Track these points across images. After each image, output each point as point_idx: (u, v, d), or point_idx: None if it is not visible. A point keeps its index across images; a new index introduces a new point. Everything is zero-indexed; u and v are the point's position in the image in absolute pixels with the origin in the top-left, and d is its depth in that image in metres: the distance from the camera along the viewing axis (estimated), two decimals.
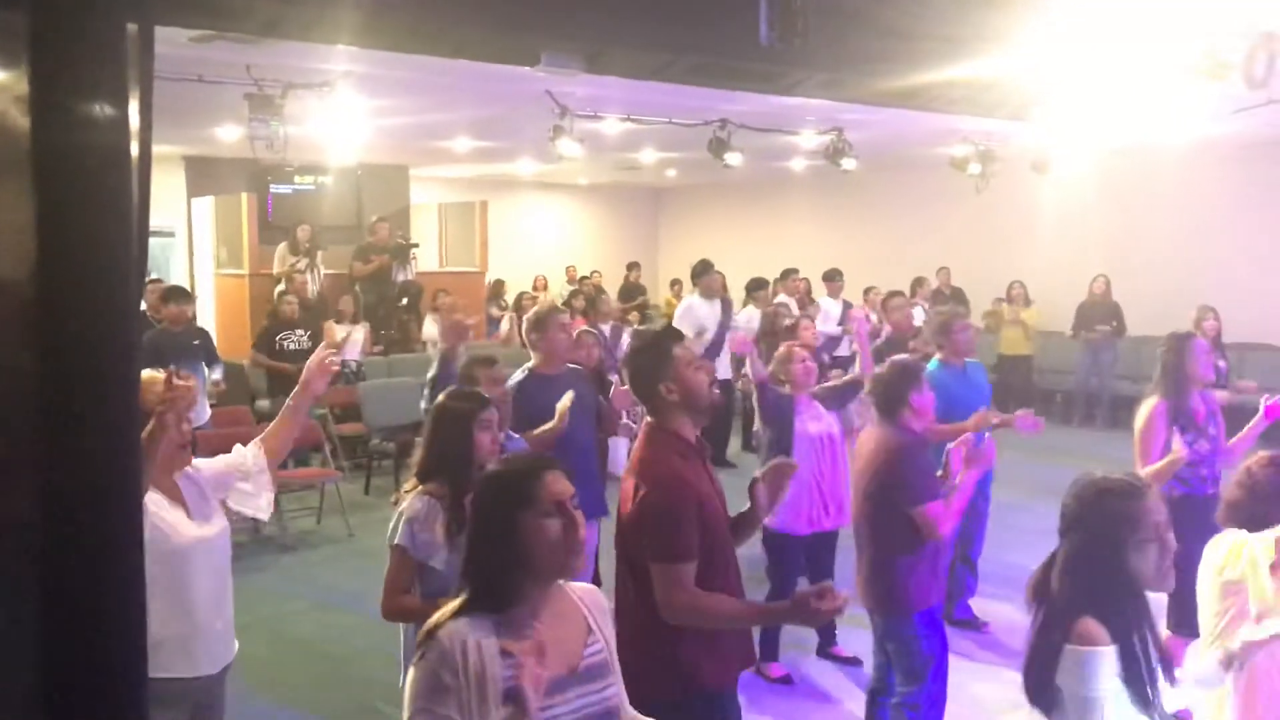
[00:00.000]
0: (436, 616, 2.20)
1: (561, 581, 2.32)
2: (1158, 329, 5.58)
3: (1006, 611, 6.19)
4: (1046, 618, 2.55)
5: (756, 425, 7.49)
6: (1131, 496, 2.52)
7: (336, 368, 3.85)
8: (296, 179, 13.83)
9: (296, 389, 3.70)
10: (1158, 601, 2.64)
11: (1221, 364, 8.53)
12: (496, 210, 16.26)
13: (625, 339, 10.30)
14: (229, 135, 10.90)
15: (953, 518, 4.17)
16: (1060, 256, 13.72)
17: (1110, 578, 2.48)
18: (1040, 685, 2.53)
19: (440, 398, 3.96)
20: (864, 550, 4.30)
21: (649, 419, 3.21)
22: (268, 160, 9.41)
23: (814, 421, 5.60)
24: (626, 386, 3.42)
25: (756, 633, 3.27)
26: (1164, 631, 4.71)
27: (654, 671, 2.98)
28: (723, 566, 3.08)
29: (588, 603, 2.37)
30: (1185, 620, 4.58)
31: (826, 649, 5.93)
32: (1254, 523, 3.31)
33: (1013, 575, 6.58)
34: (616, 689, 2.34)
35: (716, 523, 3.06)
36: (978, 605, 6.39)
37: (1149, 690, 2.44)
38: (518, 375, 5.28)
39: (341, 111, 8.64)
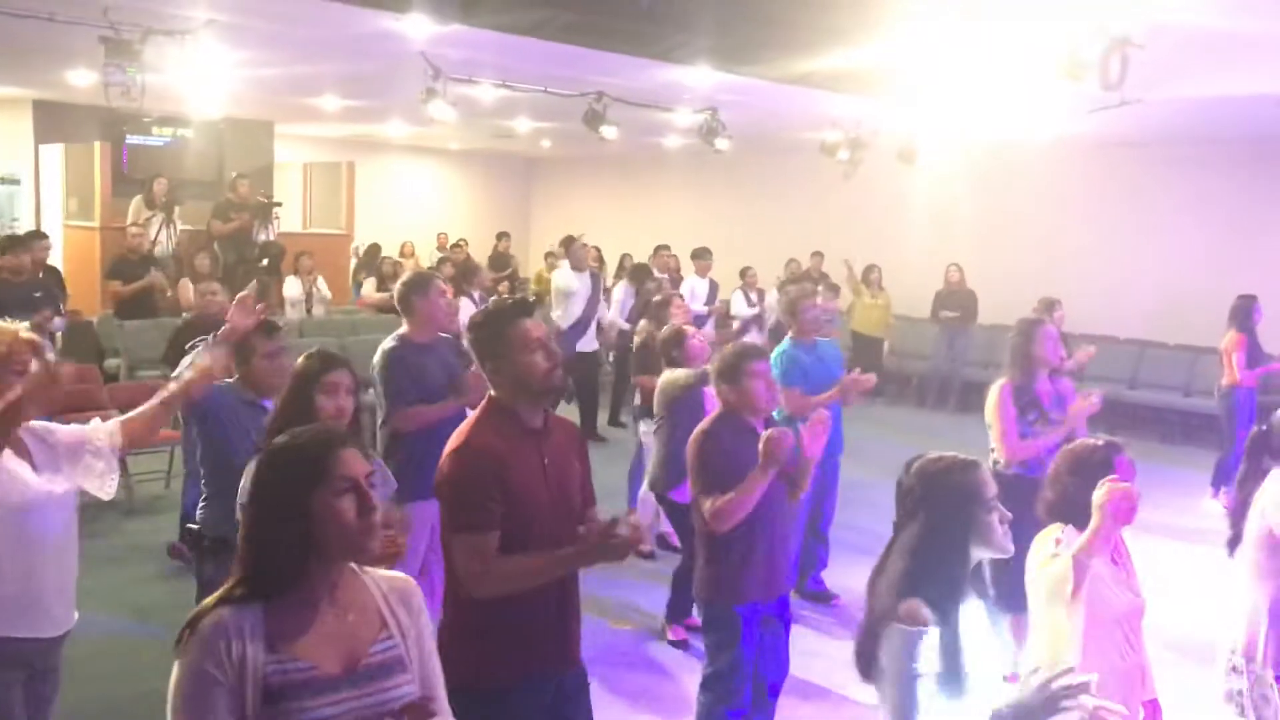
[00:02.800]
0: (201, 605, 2.01)
1: (358, 568, 2.15)
2: (1013, 318, 5.77)
3: (857, 584, 6.33)
4: (881, 596, 2.60)
5: (638, 399, 7.54)
6: (970, 469, 2.61)
7: (219, 377, 3.72)
8: (154, 130, 13.30)
9: (175, 388, 3.56)
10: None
11: (1064, 354, 8.90)
12: (365, 172, 15.90)
13: None
14: (82, 80, 10.39)
15: (733, 513, 3.91)
16: (923, 244, 14.11)
17: (952, 556, 2.56)
18: (868, 661, 2.59)
19: (300, 358, 3.83)
20: (696, 530, 4.24)
21: (490, 393, 3.10)
22: (124, 109, 8.97)
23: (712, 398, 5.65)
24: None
25: (647, 597, 3.20)
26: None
27: (455, 658, 2.82)
28: (528, 545, 2.92)
29: (388, 594, 2.18)
30: (1012, 597, 4.77)
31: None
32: (1057, 513, 3.37)
33: (864, 550, 6.79)
34: (410, 688, 2.12)
35: (533, 502, 2.93)
36: (829, 577, 6.56)
37: (963, 673, 2.48)
38: (388, 343, 5.06)
39: (203, 61, 8.30)
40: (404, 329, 5.12)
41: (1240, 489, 4.10)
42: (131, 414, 3.52)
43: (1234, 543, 4.06)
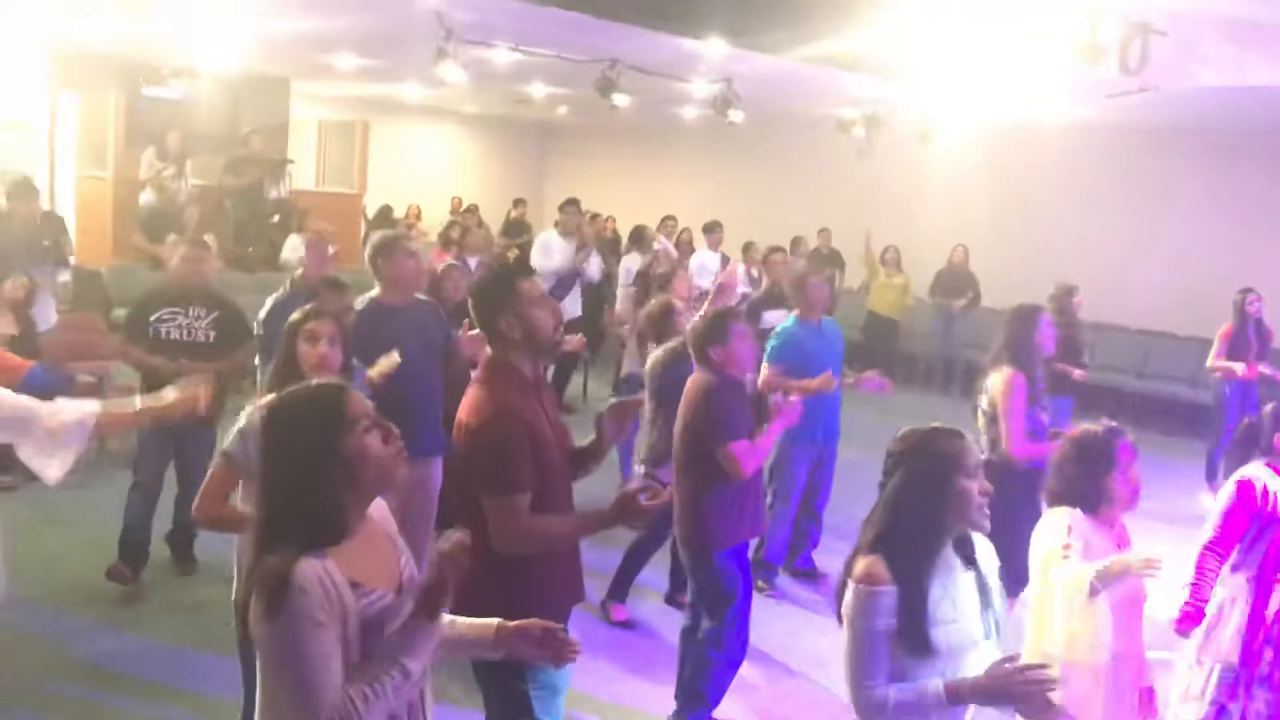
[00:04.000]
0: (277, 563, 2.02)
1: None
2: (1018, 302, 5.72)
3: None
4: (851, 554, 2.64)
5: (624, 370, 7.51)
6: (956, 436, 2.66)
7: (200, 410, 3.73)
8: (170, 82, 13.24)
9: (156, 406, 3.58)
10: None
11: (1080, 340, 8.84)
12: (379, 133, 15.86)
13: None
14: (98, 30, 10.35)
15: (758, 457, 4.29)
16: (937, 225, 14.01)
17: (923, 515, 2.57)
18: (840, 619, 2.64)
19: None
20: (677, 487, 4.37)
21: (489, 353, 3.19)
22: (139, 60, 8.94)
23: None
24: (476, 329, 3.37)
25: (580, 572, 3.29)
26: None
27: (487, 611, 2.97)
28: (557, 502, 3.10)
29: (380, 517, 2.31)
30: (1011, 583, 4.76)
31: (677, 598, 5.99)
32: (1062, 499, 3.40)
33: (855, 531, 6.75)
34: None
35: (550, 458, 3.07)
36: (819, 557, 6.56)
37: (927, 636, 2.50)
38: (358, 303, 5.05)
39: (219, 12, 8.26)
40: (375, 291, 5.12)
41: (1226, 480, 4.09)
42: (109, 412, 3.50)
43: None
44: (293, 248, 11.79)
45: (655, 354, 5.73)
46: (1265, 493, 3.81)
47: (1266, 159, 12.13)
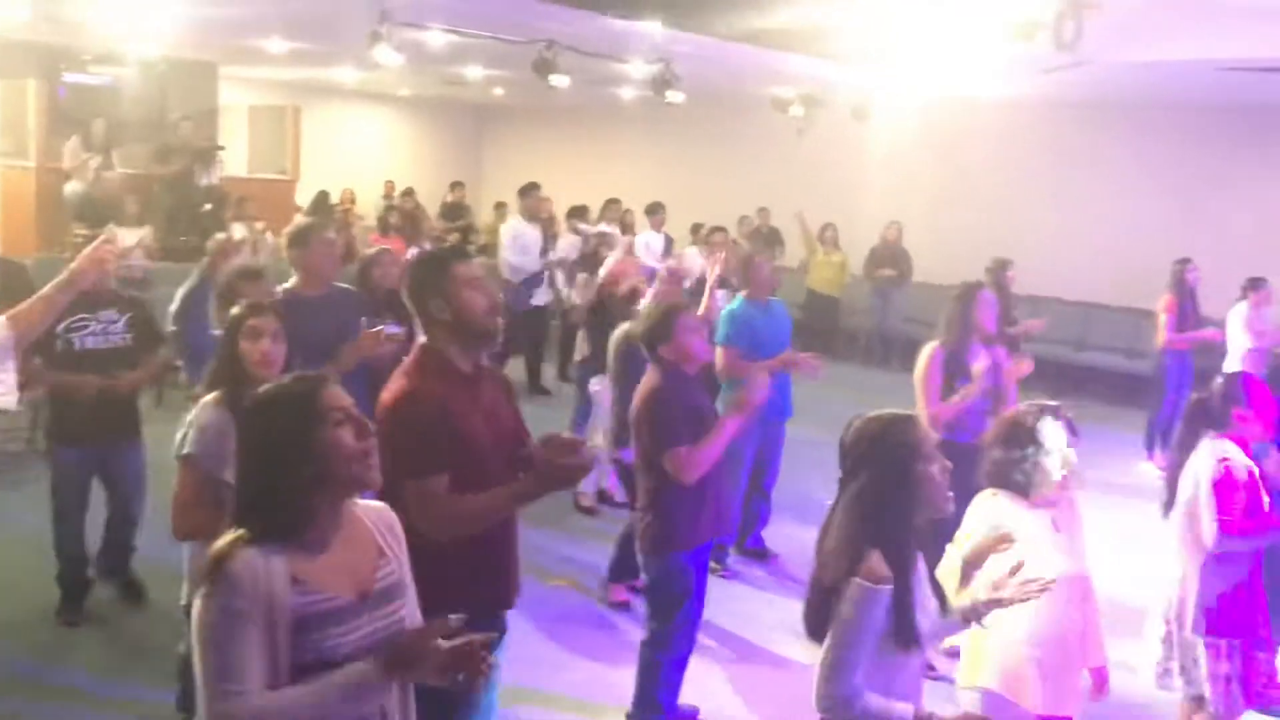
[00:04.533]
0: (222, 545, 2.07)
1: (350, 501, 2.24)
2: (962, 277, 5.77)
3: (797, 542, 6.37)
4: (830, 554, 2.60)
5: (578, 355, 7.45)
6: (910, 424, 2.66)
7: (111, 262, 3.54)
8: (92, 68, 12.89)
9: (62, 278, 3.33)
10: None
11: (1013, 313, 8.95)
12: (312, 117, 15.57)
13: None
14: (14, 13, 10.02)
15: (703, 462, 4.08)
16: (876, 203, 14.09)
17: (897, 510, 2.57)
18: (819, 620, 2.60)
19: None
20: (639, 482, 4.31)
21: (421, 342, 3.07)
22: (60, 46, 8.67)
23: None
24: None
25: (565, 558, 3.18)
26: None
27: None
28: (476, 489, 2.95)
29: (377, 523, 2.30)
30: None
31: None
32: (993, 479, 3.40)
33: (806, 507, 6.80)
34: (408, 609, 2.29)
35: (478, 453, 2.94)
36: (769, 535, 6.57)
37: (917, 629, 2.53)
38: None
39: None
40: (292, 282, 4.95)
41: (1177, 454, 4.15)
42: (17, 309, 3.31)
43: (1168, 506, 4.11)
44: (235, 234, 11.57)
45: (616, 335, 5.69)
46: (1243, 468, 3.88)
47: (1195, 132, 12.34)
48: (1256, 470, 3.96)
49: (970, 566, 3.14)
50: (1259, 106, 11.64)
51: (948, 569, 3.15)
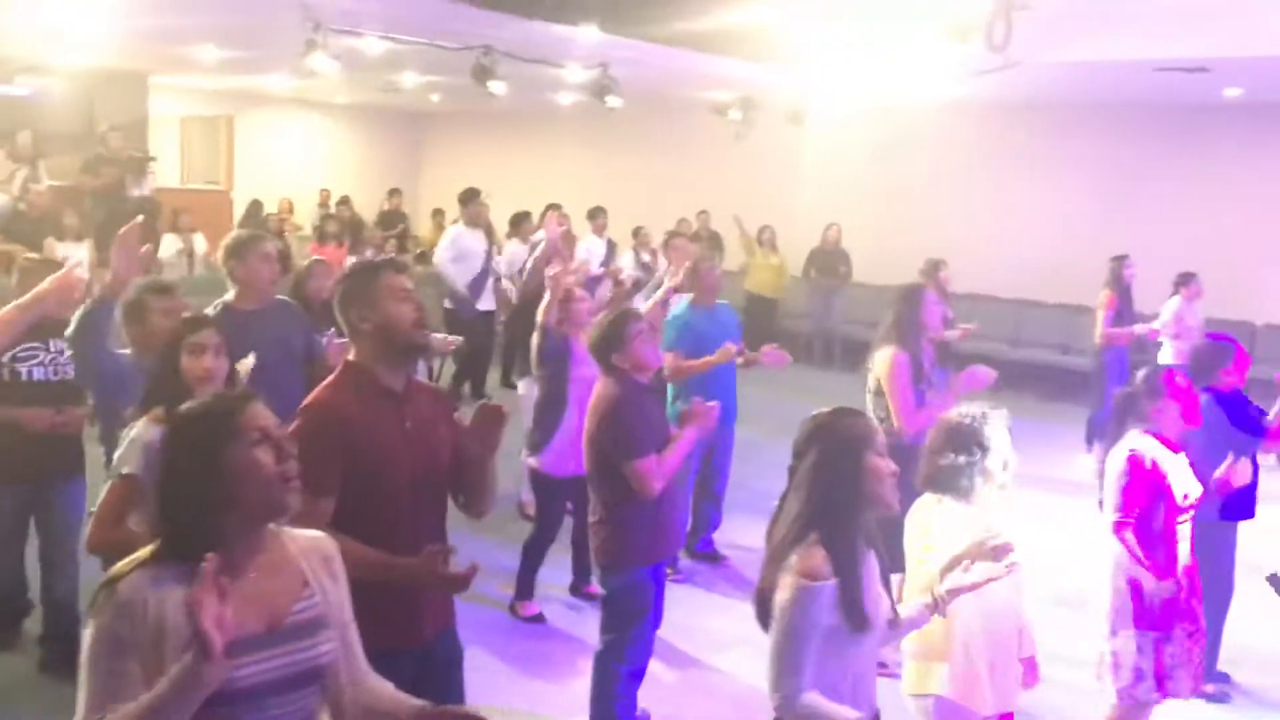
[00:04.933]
0: (119, 566, 2.00)
1: (275, 528, 2.14)
2: (899, 279, 5.83)
3: (747, 545, 6.41)
4: (778, 546, 2.62)
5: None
6: (858, 416, 2.70)
7: (79, 290, 3.44)
8: (17, 79, 12.60)
9: (24, 300, 3.25)
10: None
11: (949, 313, 9.09)
12: (246, 126, 15.38)
13: None
14: None
15: (667, 472, 4.07)
16: (813, 205, 14.21)
17: (843, 497, 2.58)
18: (766, 609, 2.62)
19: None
20: (591, 499, 4.26)
21: (347, 357, 2.99)
22: None
23: (588, 363, 5.57)
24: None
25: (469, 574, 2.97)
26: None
27: None
28: (384, 517, 2.84)
29: (309, 552, 2.19)
30: (893, 558, 4.84)
31: (581, 588, 5.98)
32: (933, 484, 3.38)
33: (755, 510, 6.83)
34: (331, 645, 2.15)
35: (389, 470, 2.83)
36: (719, 538, 6.60)
37: (866, 615, 2.54)
38: (209, 311, 4.68)
39: (70, 7, 7.88)
40: (229, 295, 4.80)
41: (1107, 447, 4.23)
42: None
43: (1102, 503, 4.19)
44: (169, 245, 11.40)
45: (537, 339, 5.68)
46: (1150, 461, 3.95)
47: (1125, 131, 12.60)
48: (1182, 461, 4.02)
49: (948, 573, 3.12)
50: (1187, 106, 11.92)
51: (919, 584, 3.13)
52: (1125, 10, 7.81)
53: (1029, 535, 3.59)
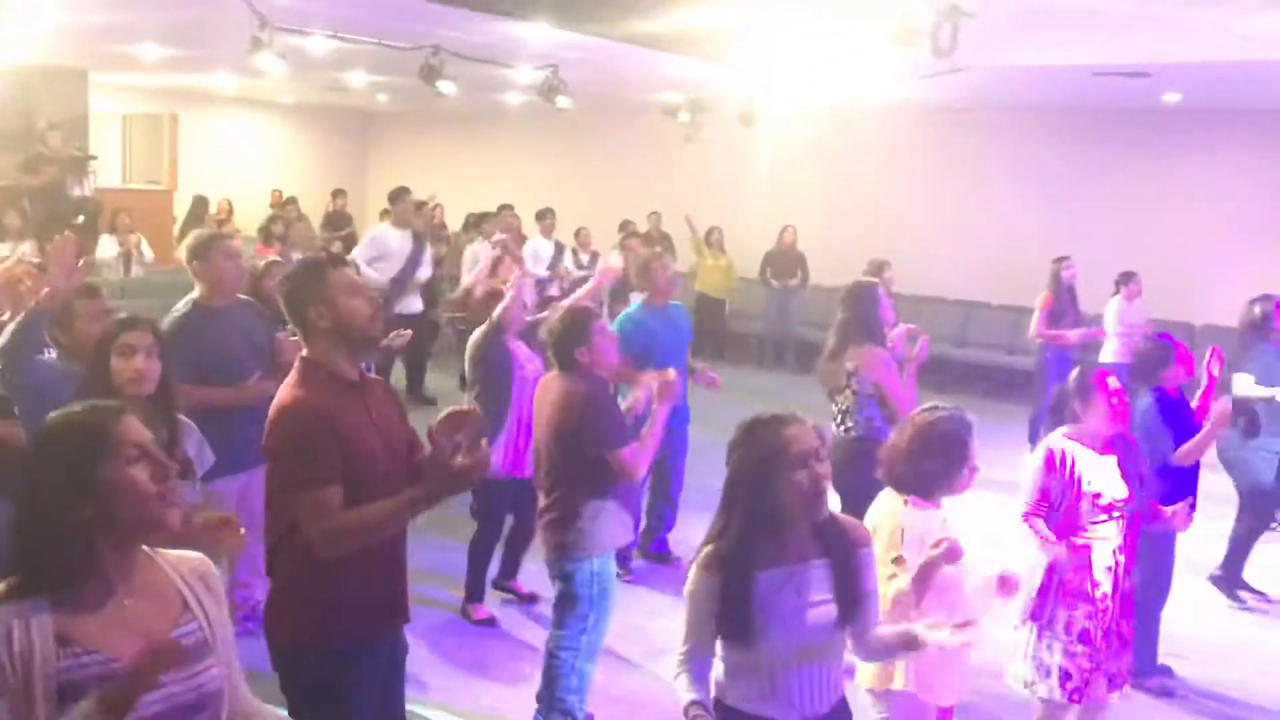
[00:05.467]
0: None
1: (151, 551, 2.02)
2: (847, 279, 5.87)
3: (697, 545, 6.42)
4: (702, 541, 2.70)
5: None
6: (779, 424, 2.64)
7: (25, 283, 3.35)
8: None
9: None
10: None
11: (892, 313, 9.19)
12: (190, 125, 15.16)
13: None
14: None
15: (648, 455, 4.20)
16: (763, 207, 14.29)
17: (755, 505, 2.59)
18: None
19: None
20: (551, 493, 4.26)
21: (302, 354, 2.99)
22: None
23: (528, 362, 5.58)
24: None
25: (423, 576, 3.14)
26: None
27: (292, 622, 2.90)
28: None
29: (185, 575, 2.05)
30: None
31: (505, 584, 5.98)
32: (902, 484, 3.42)
33: (708, 511, 6.84)
34: (217, 671, 2.02)
35: (370, 464, 2.87)
36: (673, 539, 6.61)
37: (749, 627, 2.57)
38: (180, 308, 4.80)
39: (7, 2, 7.72)
40: (195, 293, 4.85)
41: None
42: None
43: None
44: (107, 247, 11.20)
45: (473, 336, 5.66)
46: (1065, 459, 3.98)
47: (1068, 134, 12.81)
48: (1110, 462, 4.01)
49: (921, 585, 3.14)
50: (1128, 110, 12.15)
51: (893, 597, 3.15)
52: (1067, 15, 7.93)
53: (973, 535, 3.60)
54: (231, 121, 17.92)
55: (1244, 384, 5.88)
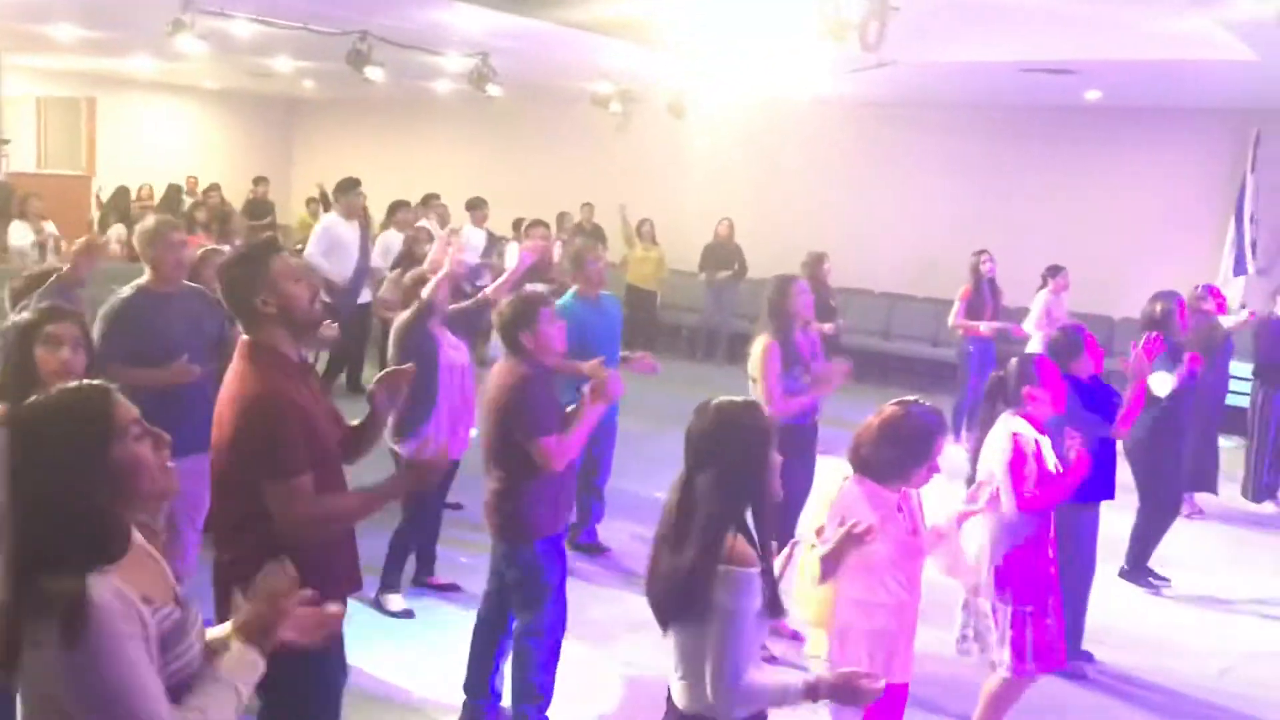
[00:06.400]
0: (62, 586, 1.83)
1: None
2: (777, 271, 5.92)
3: (630, 536, 6.43)
4: (690, 541, 2.58)
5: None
6: (758, 412, 2.71)
7: None
8: None
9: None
10: None
11: (832, 303, 9.28)
12: (108, 109, 14.79)
13: None
14: None
15: (570, 450, 4.17)
16: (696, 199, 14.31)
17: (754, 495, 2.61)
18: (684, 605, 2.58)
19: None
20: (490, 476, 4.28)
21: (245, 337, 3.01)
22: None
23: (453, 350, 5.56)
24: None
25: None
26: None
27: None
28: (333, 485, 3.00)
29: (150, 550, 2.12)
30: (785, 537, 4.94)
31: (423, 578, 5.93)
32: (869, 470, 3.43)
33: (637, 501, 6.86)
34: (199, 647, 2.11)
35: (324, 443, 2.96)
36: (602, 530, 6.60)
37: (781, 603, 2.62)
38: (125, 292, 4.80)
39: None
40: (144, 279, 4.87)
41: (979, 431, 4.41)
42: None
43: (971, 481, 4.36)
44: (20, 234, 10.85)
45: (398, 322, 5.60)
46: (1029, 442, 4.16)
47: (994, 130, 13.02)
48: (1048, 443, 4.24)
49: (831, 561, 3.16)
50: (1052, 107, 12.37)
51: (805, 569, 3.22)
52: (993, 12, 8.05)
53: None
54: (152, 106, 17.50)
55: (1161, 382, 5.95)
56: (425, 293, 5.44)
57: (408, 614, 5.56)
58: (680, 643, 2.63)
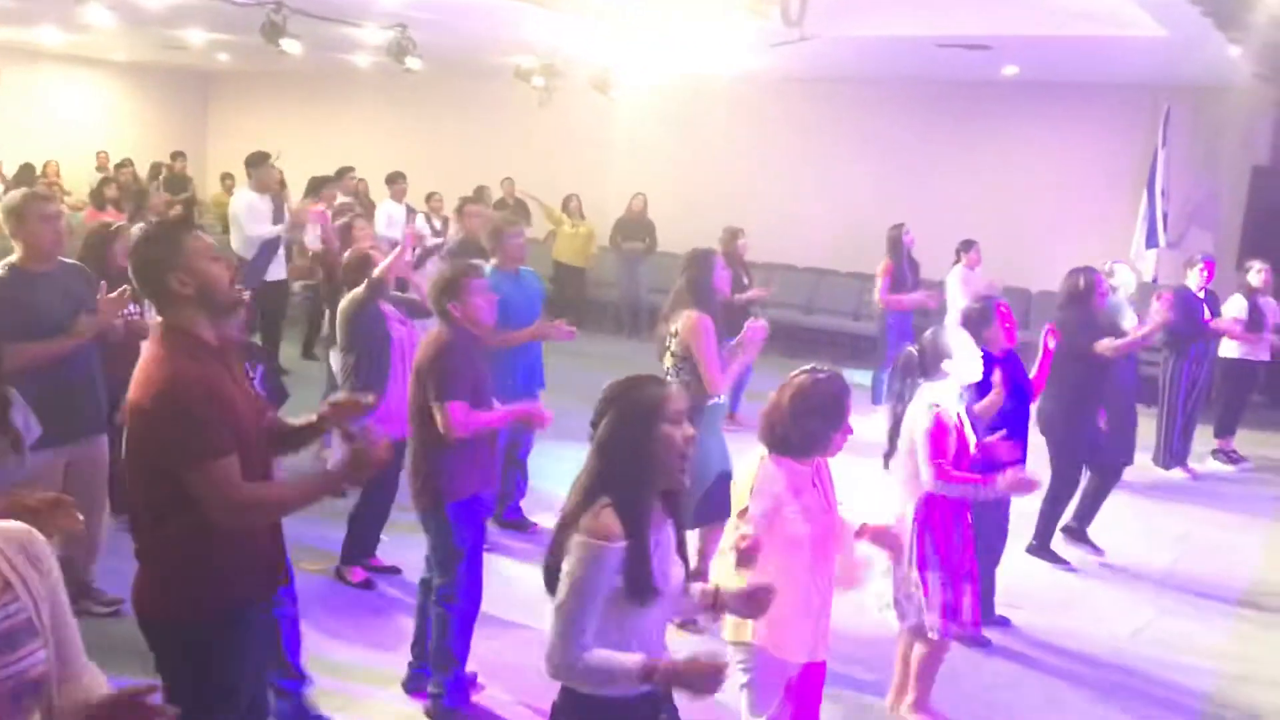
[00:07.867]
0: None
1: None
2: (694, 246, 5.90)
3: (554, 511, 6.38)
4: (569, 511, 2.58)
5: (324, 331, 7.18)
6: (658, 384, 2.66)
7: None
8: None
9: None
10: None
11: (746, 280, 9.32)
12: (11, 82, 14.35)
13: None
14: None
15: (476, 423, 4.22)
16: (619, 174, 14.28)
17: (636, 463, 2.55)
18: (546, 573, 2.59)
19: None
20: (412, 438, 4.33)
21: (159, 318, 2.92)
22: None
23: (400, 324, 5.59)
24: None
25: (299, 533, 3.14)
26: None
27: (183, 589, 2.82)
28: (256, 474, 2.89)
29: (4, 549, 1.84)
30: (702, 513, 4.96)
31: (365, 560, 5.87)
32: (780, 443, 3.41)
33: (562, 478, 6.81)
34: (42, 654, 1.85)
35: (242, 429, 2.85)
36: (527, 505, 6.59)
37: (653, 585, 2.51)
38: None
39: None
40: (14, 256, 4.63)
41: (892, 403, 4.45)
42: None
43: (889, 456, 4.42)
44: None
45: (343, 303, 5.55)
46: (949, 413, 4.24)
47: (910, 105, 13.16)
48: (964, 414, 4.34)
49: (745, 560, 3.15)
50: (969, 82, 12.53)
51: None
52: None
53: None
54: (58, 80, 16.97)
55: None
56: (377, 272, 5.39)
57: (369, 584, 5.64)
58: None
